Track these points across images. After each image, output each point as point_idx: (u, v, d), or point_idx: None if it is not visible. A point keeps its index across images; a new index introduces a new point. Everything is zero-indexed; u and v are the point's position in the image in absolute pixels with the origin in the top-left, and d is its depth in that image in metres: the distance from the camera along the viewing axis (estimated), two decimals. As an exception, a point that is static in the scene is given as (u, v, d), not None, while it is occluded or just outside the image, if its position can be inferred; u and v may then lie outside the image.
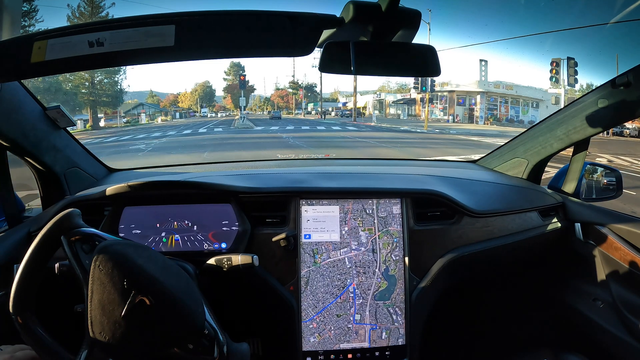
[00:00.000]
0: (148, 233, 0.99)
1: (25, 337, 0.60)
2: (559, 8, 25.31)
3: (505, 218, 1.13)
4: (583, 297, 1.15)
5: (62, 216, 0.62)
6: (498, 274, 1.32)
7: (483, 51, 44.21)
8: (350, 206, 1.04)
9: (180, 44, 0.49)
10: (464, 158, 5.74)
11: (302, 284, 1.00)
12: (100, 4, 20.90)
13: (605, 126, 1.10)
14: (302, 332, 0.99)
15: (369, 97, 31.27)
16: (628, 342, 0.99)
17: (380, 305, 1.01)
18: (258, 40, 0.53)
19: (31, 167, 1.10)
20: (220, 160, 2.94)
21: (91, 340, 0.56)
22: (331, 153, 8.49)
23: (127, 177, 1.26)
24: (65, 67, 0.52)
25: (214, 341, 0.63)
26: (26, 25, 15.74)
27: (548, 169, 1.37)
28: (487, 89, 22.39)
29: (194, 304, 0.61)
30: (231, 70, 38.04)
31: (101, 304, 0.55)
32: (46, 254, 0.61)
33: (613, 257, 1.06)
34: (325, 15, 0.53)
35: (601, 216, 1.12)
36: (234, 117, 29.49)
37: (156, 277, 0.58)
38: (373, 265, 1.02)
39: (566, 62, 14.50)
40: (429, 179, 1.19)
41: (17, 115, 0.94)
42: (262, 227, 1.02)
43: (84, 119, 22.53)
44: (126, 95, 26.74)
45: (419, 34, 0.58)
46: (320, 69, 0.57)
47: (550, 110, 13.67)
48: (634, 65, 0.93)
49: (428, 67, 0.60)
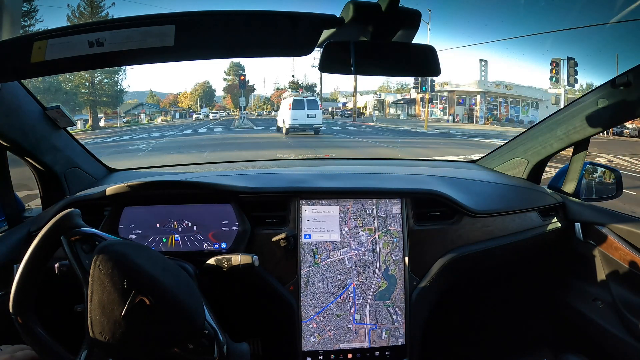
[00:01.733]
0: (148, 233, 0.99)
1: (25, 337, 0.60)
2: (559, 8, 25.31)
3: (505, 218, 1.13)
4: (583, 297, 1.15)
5: (62, 216, 0.62)
6: (498, 274, 1.32)
7: (483, 51, 44.26)
8: (350, 206, 1.04)
9: (180, 44, 0.49)
10: (464, 158, 5.74)
11: (302, 283, 1.00)
12: (100, 4, 20.91)
13: (605, 126, 1.10)
14: (302, 332, 0.99)
15: (369, 97, 31.25)
16: (628, 342, 0.99)
17: (380, 305, 1.01)
18: (258, 40, 0.53)
19: (31, 167, 1.10)
20: (220, 160, 2.95)
21: (91, 340, 0.56)
22: (331, 153, 8.48)
23: (127, 177, 1.25)
24: (65, 67, 0.52)
25: (214, 341, 0.63)
26: (26, 25, 15.73)
27: (548, 169, 1.37)
28: (487, 89, 22.38)
29: (194, 304, 0.61)
30: (231, 70, 38.01)
31: (101, 304, 0.55)
32: (46, 254, 0.61)
33: (613, 257, 1.06)
34: (325, 15, 0.53)
35: (601, 216, 1.12)
36: (234, 117, 29.29)
37: (156, 277, 0.58)
38: (373, 265, 1.02)
39: (566, 62, 14.51)
40: (428, 179, 1.19)
41: (17, 115, 0.94)
42: (262, 227, 1.02)
43: (84, 119, 22.53)
44: (126, 95, 26.76)
45: (419, 34, 0.58)
46: (320, 69, 0.57)
47: (550, 110, 13.63)
48: (634, 65, 0.93)
49: (428, 67, 0.60)
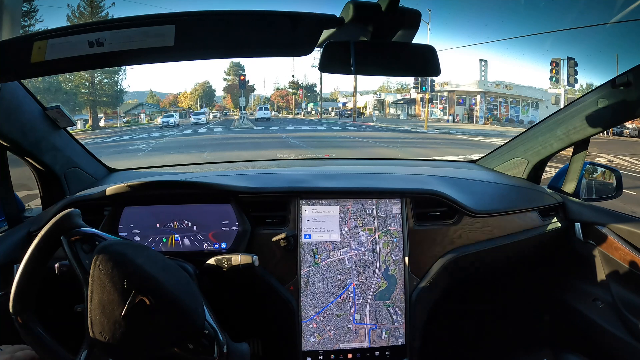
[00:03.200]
0: (148, 233, 0.99)
1: (25, 337, 0.59)
2: (559, 8, 25.32)
3: (505, 218, 1.13)
4: (583, 297, 1.15)
5: (62, 216, 0.62)
6: (498, 274, 1.32)
7: (483, 51, 44.16)
8: (350, 206, 1.04)
9: (180, 44, 0.49)
10: (464, 158, 5.74)
11: (302, 284, 1.00)
12: (100, 4, 20.88)
13: (605, 126, 1.10)
14: (302, 332, 0.99)
15: (369, 97, 31.24)
16: (628, 342, 0.99)
17: (380, 305, 1.01)
18: (258, 40, 0.52)
19: (31, 167, 1.10)
20: (220, 160, 2.95)
21: (91, 340, 0.56)
22: (331, 153, 8.48)
23: (127, 177, 1.26)
24: (65, 67, 0.52)
25: (214, 341, 0.63)
26: (26, 25, 15.73)
27: (548, 169, 1.37)
28: (487, 89, 22.36)
29: (194, 304, 0.61)
30: (231, 70, 37.98)
31: (101, 304, 0.55)
32: (46, 254, 0.61)
33: (613, 257, 1.06)
34: (325, 15, 0.53)
35: (601, 216, 1.11)
36: (234, 117, 28.98)
37: (156, 277, 0.58)
38: (373, 265, 1.02)
39: (566, 62, 14.50)
40: (428, 179, 1.19)
41: (17, 115, 0.94)
42: (262, 227, 1.02)
43: (84, 119, 22.52)
44: (126, 95, 26.70)
45: (419, 33, 0.58)
46: (320, 69, 0.57)
47: (550, 110, 13.64)
48: (634, 65, 0.92)
49: (428, 67, 0.60)
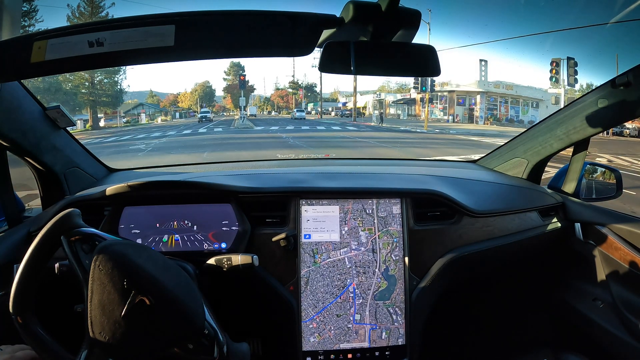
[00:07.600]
0: (148, 233, 0.99)
1: (25, 337, 0.59)
2: (559, 8, 25.32)
3: (505, 218, 1.13)
4: (583, 297, 1.15)
5: (62, 216, 0.62)
6: (498, 274, 1.32)
7: (483, 51, 44.27)
8: (350, 206, 1.04)
9: (180, 44, 0.49)
10: (464, 158, 5.74)
11: (302, 283, 1.00)
12: (100, 4, 20.92)
13: (605, 126, 1.10)
14: (302, 332, 0.99)
15: (369, 97, 31.26)
16: (628, 342, 0.99)
17: (380, 305, 1.01)
18: (258, 40, 0.53)
19: (31, 167, 1.10)
20: (220, 160, 2.95)
21: (91, 340, 0.56)
22: (331, 153, 8.48)
23: (127, 177, 1.26)
24: (65, 67, 0.52)
25: (214, 341, 0.63)
26: (26, 25, 15.75)
27: (548, 169, 1.36)
28: (487, 89, 22.37)
29: (194, 304, 0.61)
30: (231, 70, 38.00)
31: (101, 304, 0.55)
32: (46, 254, 0.61)
33: (613, 257, 1.06)
34: (325, 15, 0.53)
35: (601, 216, 1.11)
36: (234, 117, 28.97)
37: (156, 277, 0.58)
38: (373, 265, 1.02)
39: (566, 62, 14.52)
40: (428, 179, 1.19)
41: (17, 115, 0.94)
42: (262, 227, 1.02)
43: (84, 119, 22.54)
44: (126, 95, 26.76)
45: (419, 33, 0.58)
46: (320, 69, 0.57)
47: (550, 110, 13.65)
48: (634, 65, 0.92)
49: (428, 67, 0.60)
